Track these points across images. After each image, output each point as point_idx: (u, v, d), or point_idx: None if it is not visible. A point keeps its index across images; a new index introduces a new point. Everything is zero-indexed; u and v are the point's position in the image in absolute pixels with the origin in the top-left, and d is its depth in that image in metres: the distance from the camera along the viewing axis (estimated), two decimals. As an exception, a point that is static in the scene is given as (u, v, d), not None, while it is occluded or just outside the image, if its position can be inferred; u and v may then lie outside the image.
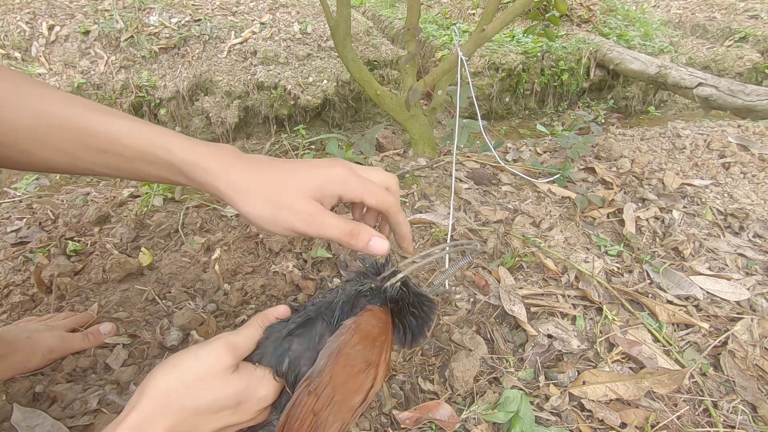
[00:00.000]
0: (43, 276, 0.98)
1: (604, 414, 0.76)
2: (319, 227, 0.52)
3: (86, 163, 0.51)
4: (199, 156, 0.52)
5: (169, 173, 0.53)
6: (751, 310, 0.99)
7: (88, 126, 0.50)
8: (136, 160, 0.52)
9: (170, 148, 0.51)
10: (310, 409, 0.51)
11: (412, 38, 1.67)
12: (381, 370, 0.58)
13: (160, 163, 0.52)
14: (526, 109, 3.94)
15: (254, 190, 0.51)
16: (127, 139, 0.51)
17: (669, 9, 5.19)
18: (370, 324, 0.56)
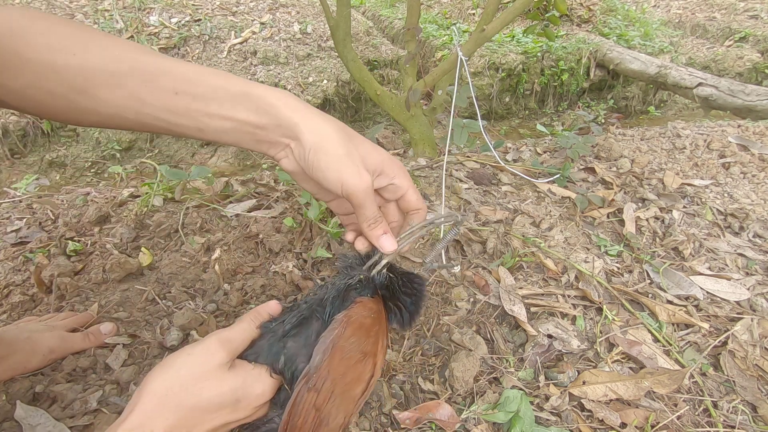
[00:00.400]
0: (43, 276, 0.98)
1: (604, 414, 0.76)
2: (367, 198, 0.53)
3: (155, 109, 0.51)
4: (279, 92, 0.53)
5: (243, 111, 0.52)
6: (751, 310, 0.99)
7: (163, 67, 0.50)
8: (210, 100, 0.51)
9: (247, 83, 0.53)
10: (312, 404, 0.52)
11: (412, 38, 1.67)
12: (379, 358, 0.58)
13: (235, 99, 0.52)
14: (526, 109, 3.94)
15: (333, 136, 0.52)
16: (205, 77, 0.51)
17: (669, 9, 5.19)
18: (362, 315, 0.57)
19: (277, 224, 1.18)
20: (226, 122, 0.53)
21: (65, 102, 0.49)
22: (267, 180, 1.42)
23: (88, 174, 2.90)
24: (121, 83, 0.49)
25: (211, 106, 0.52)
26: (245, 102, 0.52)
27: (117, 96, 0.49)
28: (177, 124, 0.52)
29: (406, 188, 0.60)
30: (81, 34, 0.49)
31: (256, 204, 1.28)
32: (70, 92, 0.48)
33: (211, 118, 0.52)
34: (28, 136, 2.76)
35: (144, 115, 0.51)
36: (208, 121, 0.52)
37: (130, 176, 2.67)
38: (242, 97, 0.52)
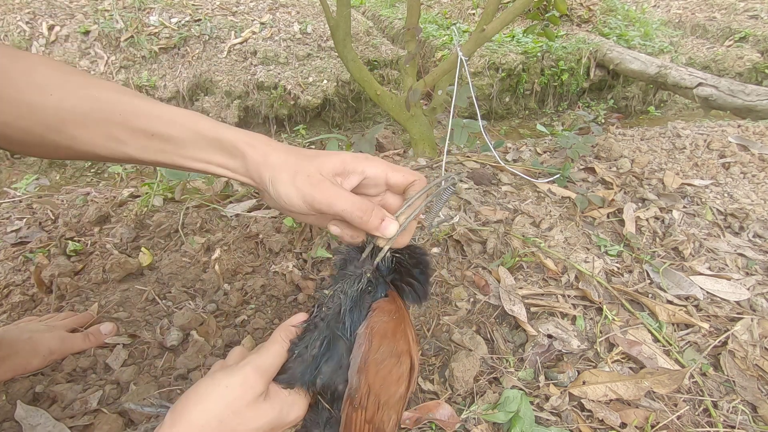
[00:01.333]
0: (43, 276, 0.98)
1: (604, 414, 0.76)
2: (333, 197, 0.52)
3: (131, 148, 0.52)
4: (247, 136, 0.55)
5: (217, 155, 0.54)
6: (751, 310, 0.99)
7: (138, 110, 0.51)
8: (185, 143, 0.53)
9: (219, 126, 0.54)
10: (363, 421, 0.53)
11: (412, 38, 1.67)
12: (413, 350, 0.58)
13: (210, 144, 0.54)
14: (526, 109, 3.94)
15: (282, 165, 0.53)
16: (180, 120, 0.53)
17: (669, 9, 5.19)
18: (383, 321, 0.56)
19: (277, 224, 1.18)
20: (202, 164, 0.55)
21: (39, 140, 0.50)
22: (267, 180, 1.42)
23: (88, 174, 2.90)
24: (97, 123, 0.50)
25: (187, 149, 0.54)
26: (218, 147, 0.54)
27: (92, 135, 0.51)
28: (152, 161, 0.54)
29: (384, 172, 0.58)
30: (59, 74, 0.50)
31: (256, 204, 1.28)
32: (46, 131, 0.49)
33: (187, 159, 0.54)
34: (28, 136, 2.76)
35: (119, 153, 0.53)
36: (183, 162, 0.54)
37: (130, 176, 2.67)
38: (215, 142, 0.54)
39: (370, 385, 0.53)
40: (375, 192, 0.60)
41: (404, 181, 0.58)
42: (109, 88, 0.52)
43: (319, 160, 0.54)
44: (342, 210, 0.52)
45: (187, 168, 0.55)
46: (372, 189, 0.60)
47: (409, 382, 0.58)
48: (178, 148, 0.53)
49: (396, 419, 0.57)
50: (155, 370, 0.82)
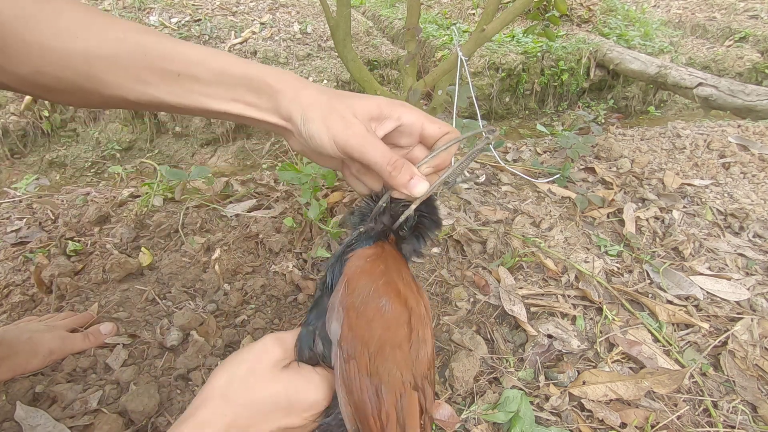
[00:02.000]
0: (43, 276, 0.98)
1: (604, 414, 0.76)
2: (366, 144, 0.50)
3: (159, 90, 0.51)
4: (276, 73, 0.52)
5: (246, 93, 0.52)
6: (751, 310, 0.99)
7: (164, 51, 0.50)
8: (213, 82, 0.51)
9: (248, 64, 0.52)
10: (357, 373, 0.49)
11: (412, 38, 1.67)
12: (407, 295, 0.53)
13: (238, 82, 0.52)
14: (526, 109, 3.93)
15: (315, 101, 0.51)
16: (207, 59, 0.51)
17: (669, 9, 5.19)
18: (356, 265, 0.53)
19: (277, 224, 1.18)
20: (229, 103, 0.53)
21: (70, 86, 0.49)
22: (267, 180, 1.42)
23: (88, 174, 2.90)
24: (124, 66, 0.49)
25: (215, 87, 0.52)
26: (246, 84, 0.52)
27: (120, 79, 0.49)
28: (180, 105, 0.52)
29: (420, 122, 0.55)
30: (84, 16, 0.48)
31: (256, 204, 1.28)
32: (75, 76, 0.48)
33: (213, 99, 0.52)
34: (28, 136, 2.76)
35: (147, 96, 0.51)
36: (210, 103, 0.52)
37: (130, 176, 2.67)
38: (244, 79, 0.52)
39: (353, 332, 0.49)
40: (407, 142, 0.58)
41: (439, 133, 0.55)
42: (134, 29, 0.50)
43: (354, 101, 0.53)
44: (373, 159, 0.50)
45: (214, 111, 0.53)
46: (405, 138, 0.57)
47: (411, 331, 0.51)
48: (206, 87, 0.51)
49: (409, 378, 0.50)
50: (155, 370, 0.82)
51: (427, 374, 0.53)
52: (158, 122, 2.98)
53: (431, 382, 0.54)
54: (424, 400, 0.52)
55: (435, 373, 0.57)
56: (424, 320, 0.53)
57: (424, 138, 0.57)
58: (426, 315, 0.54)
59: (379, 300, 0.50)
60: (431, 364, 0.55)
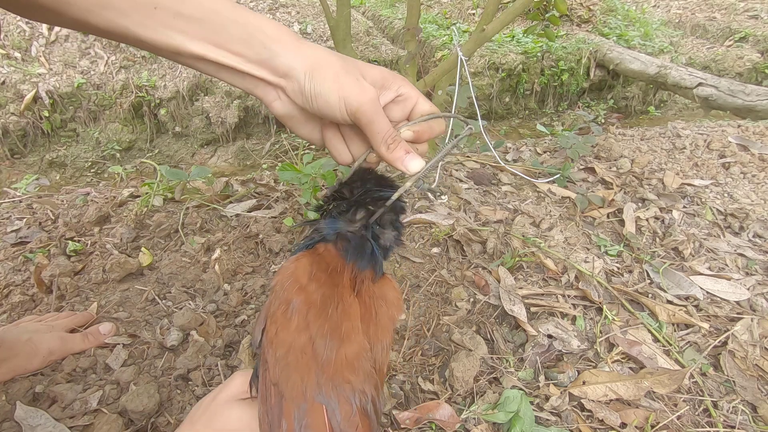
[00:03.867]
0: (43, 276, 0.98)
1: (604, 414, 0.76)
2: (377, 112, 0.48)
3: (127, 19, 0.44)
4: (275, 26, 0.48)
5: (234, 41, 0.47)
6: (751, 310, 0.99)
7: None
8: (195, 21, 0.46)
9: (242, 9, 0.48)
10: (268, 381, 0.46)
11: (412, 38, 1.67)
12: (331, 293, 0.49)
13: (226, 25, 0.46)
14: (526, 109, 3.93)
15: (327, 58, 0.48)
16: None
17: (669, 9, 5.19)
18: (281, 271, 0.51)
19: (277, 224, 1.18)
20: (210, 48, 0.47)
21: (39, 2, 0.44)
22: (267, 180, 1.42)
23: (88, 174, 2.90)
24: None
25: (196, 28, 0.46)
26: (239, 31, 0.47)
27: (87, 2, 0.44)
28: (151, 42, 0.46)
29: (415, 97, 0.54)
30: None
31: (256, 204, 1.28)
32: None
33: (193, 40, 0.46)
34: (28, 136, 2.76)
35: (116, 25, 0.45)
36: (188, 45, 0.46)
37: (130, 176, 2.67)
38: (235, 25, 0.46)
39: (267, 336, 0.48)
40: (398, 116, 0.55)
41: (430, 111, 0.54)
42: None
43: (363, 67, 0.50)
44: (377, 129, 0.48)
45: (189, 54, 0.47)
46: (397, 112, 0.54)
47: (318, 328, 0.46)
48: (186, 24, 0.45)
49: (309, 386, 0.44)
50: (155, 370, 0.82)
51: (352, 378, 0.46)
52: (158, 122, 2.98)
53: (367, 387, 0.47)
54: (342, 411, 0.44)
55: (380, 379, 0.50)
56: (351, 316, 0.48)
57: (414, 115, 0.55)
58: (359, 312, 0.50)
59: (287, 303, 0.47)
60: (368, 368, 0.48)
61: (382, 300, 0.53)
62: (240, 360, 0.83)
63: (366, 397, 0.46)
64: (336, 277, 0.50)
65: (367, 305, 0.51)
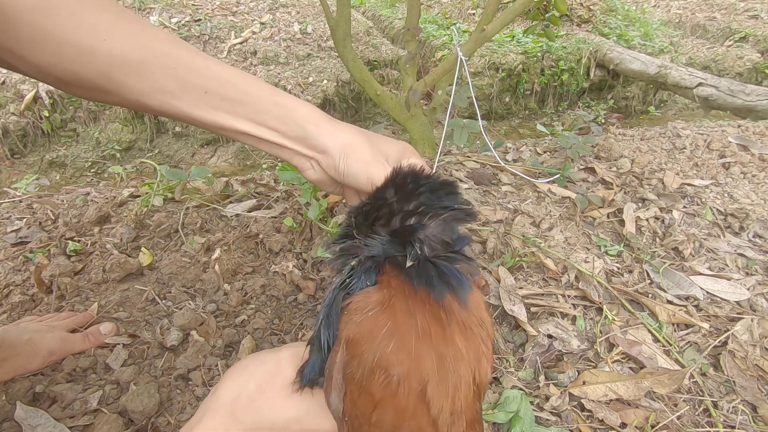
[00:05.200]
0: (43, 276, 0.98)
1: (604, 414, 0.76)
2: None
3: (181, 102, 0.51)
4: (306, 106, 0.54)
5: (272, 119, 0.53)
6: (751, 310, 0.99)
7: (194, 63, 0.50)
8: (239, 103, 0.52)
9: (278, 92, 0.54)
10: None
11: (412, 38, 1.67)
12: (439, 343, 0.40)
13: (266, 107, 0.53)
14: (526, 109, 3.93)
15: (358, 143, 0.54)
16: (238, 82, 0.52)
17: (669, 9, 5.19)
18: (355, 324, 0.41)
19: (277, 224, 1.18)
20: (251, 125, 0.53)
21: (88, 83, 0.48)
22: (267, 180, 1.42)
23: (88, 174, 2.90)
24: (149, 73, 0.48)
25: (239, 108, 0.52)
26: (277, 111, 0.53)
27: (143, 85, 0.49)
28: (200, 120, 0.52)
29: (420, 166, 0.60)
30: (112, 16, 0.47)
31: (256, 204, 1.28)
32: (95, 76, 0.47)
33: (237, 119, 0.53)
34: (28, 136, 2.76)
35: (169, 106, 0.51)
36: (232, 122, 0.53)
37: (130, 176, 2.67)
38: (274, 105, 0.53)
39: (357, 408, 0.40)
40: None
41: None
42: (166, 39, 0.50)
43: (385, 146, 0.56)
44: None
45: (237, 131, 0.53)
46: None
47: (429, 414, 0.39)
48: (232, 106, 0.52)
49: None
50: (155, 370, 0.82)
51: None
52: (158, 122, 2.98)
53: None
54: None
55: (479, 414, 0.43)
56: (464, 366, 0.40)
57: None
58: (473, 352, 0.42)
59: (387, 372, 0.38)
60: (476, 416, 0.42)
61: (479, 327, 0.44)
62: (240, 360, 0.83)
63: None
64: (428, 314, 0.41)
65: (471, 342, 0.42)
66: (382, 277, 0.43)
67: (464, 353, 0.41)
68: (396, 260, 0.43)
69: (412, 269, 0.41)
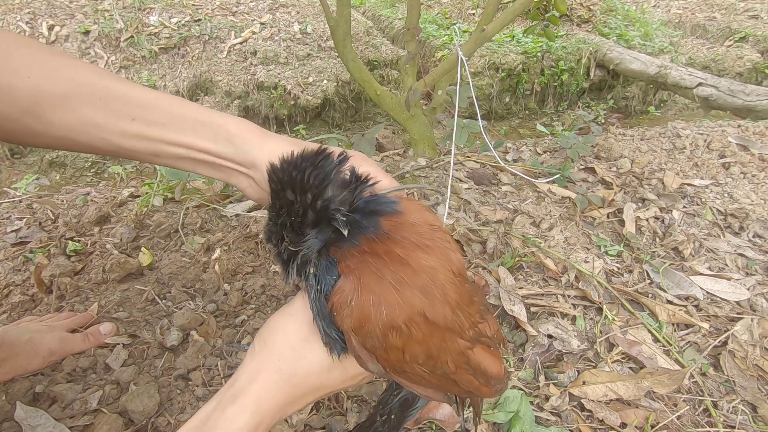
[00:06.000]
0: (43, 276, 0.98)
1: (604, 414, 0.76)
2: None
3: (109, 133, 0.50)
4: (238, 121, 0.53)
5: (203, 139, 0.52)
6: (751, 310, 0.99)
7: (120, 94, 0.50)
8: (169, 126, 0.51)
9: (207, 110, 0.53)
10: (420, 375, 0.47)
11: (412, 38, 1.67)
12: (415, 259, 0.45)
13: (195, 127, 0.52)
14: (526, 109, 3.93)
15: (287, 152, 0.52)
16: (164, 104, 0.51)
17: (669, 9, 5.19)
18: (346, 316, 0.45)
19: (277, 224, 1.17)
20: (183, 149, 0.53)
21: (16, 124, 0.48)
22: (267, 180, 1.42)
23: (88, 174, 2.90)
24: (75, 107, 0.49)
25: (169, 132, 0.52)
26: (205, 130, 0.52)
27: (70, 119, 0.49)
28: (132, 149, 0.52)
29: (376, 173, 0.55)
30: (38, 55, 0.48)
31: (256, 204, 1.28)
32: (21, 114, 0.48)
33: (169, 144, 0.52)
34: (28, 136, 2.76)
35: (97, 139, 0.51)
36: (164, 148, 0.52)
37: (130, 176, 2.67)
38: (202, 125, 0.52)
39: (387, 365, 0.46)
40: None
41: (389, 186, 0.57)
42: (90, 71, 0.50)
43: None
44: None
45: (165, 156, 0.53)
46: None
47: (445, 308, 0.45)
48: (162, 131, 0.51)
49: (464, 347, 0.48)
50: (155, 370, 0.82)
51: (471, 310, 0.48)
52: (158, 122, 2.98)
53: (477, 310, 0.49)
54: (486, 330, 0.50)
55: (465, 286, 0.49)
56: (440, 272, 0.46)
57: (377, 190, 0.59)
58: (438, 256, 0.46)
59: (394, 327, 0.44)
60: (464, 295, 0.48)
61: (431, 230, 0.48)
62: (240, 360, 0.83)
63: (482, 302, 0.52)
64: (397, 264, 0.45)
65: (433, 250, 0.47)
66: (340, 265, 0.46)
67: (433, 264, 0.46)
68: (337, 240, 0.45)
69: (349, 234, 0.44)
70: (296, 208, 0.43)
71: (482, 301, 0.54)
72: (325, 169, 0.44)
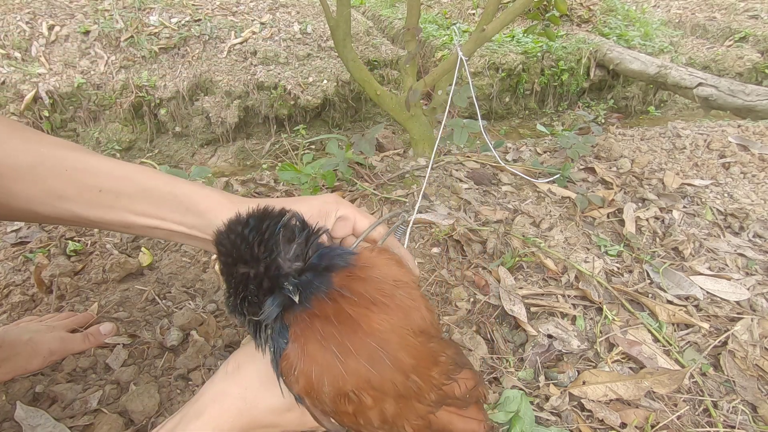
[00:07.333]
0: (43, 276, 0.98)
1: (604, 414, 0.76)
2: None
3: (76, 205, 0.50)
4: (204, 190, 0.53)
5: (171, 211, 0.52)
6: (751, 310, 0.99)
7: (87, 166, 0.50)
8: (137, 198, 0.51)
9: (174, 181, 0.53)
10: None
11: (412, 38, 1.67)
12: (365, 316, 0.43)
13: (163, 199, 0.52)
14: (526, 109, 3.93)
15: None
16: (132, 175, 0.51)
17: (669, 9, 5.19)
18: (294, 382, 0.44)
19: (277, 224, 1.17)
20: (154, 220, 0.53)
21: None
22: (267, 180, 1.42)
23: (88, 174, 2.90)
24: (39, 178, 0.48)
25: (138, 204, 0.51)
26: (172, 202, 0.52)
27: (34, 190, 0.48)
28: (101, 220, 0.52)
29: (353, 216, 0.59)
30: (3, 128, 0.48)
31: (256, 204, 1.28)
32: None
33: (138, 216, 0.52)
34: (28, 136, 2.76)
35: (61, 210, 0.50)
36: (134, 219, 0.52)
37: (130, 176, 2.67)
38: (173, 198, 0.52)
39: (343, 423, 0.46)
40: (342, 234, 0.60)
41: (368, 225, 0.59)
42: (57, 144, 0.50)
43: (302, 205, 0.53)
44: None
45: (136, 227, 0.53)
46: (341, 230, 0.60)
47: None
48: (130, 202, 0.51)
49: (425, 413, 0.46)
50: (155, 370, 0.82)
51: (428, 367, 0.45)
52: (158, 122, 2.98)
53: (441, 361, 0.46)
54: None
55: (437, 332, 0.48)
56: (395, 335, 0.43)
57: (356, 230, 0.60)
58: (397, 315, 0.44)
59: (342, 394, 0.42)
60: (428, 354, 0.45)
61: (393, 286, 0.45)
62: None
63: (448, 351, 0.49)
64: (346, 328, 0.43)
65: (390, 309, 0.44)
66: (290, 330, 0.44)
67: (387, 325, 0.43)
68: (292, 305, 0.43)
69: (301, 298, 0.42)
70: (250, 280, 0.42)
71: (453, 358, 0.50)
72: (272, 231, 0.42)
